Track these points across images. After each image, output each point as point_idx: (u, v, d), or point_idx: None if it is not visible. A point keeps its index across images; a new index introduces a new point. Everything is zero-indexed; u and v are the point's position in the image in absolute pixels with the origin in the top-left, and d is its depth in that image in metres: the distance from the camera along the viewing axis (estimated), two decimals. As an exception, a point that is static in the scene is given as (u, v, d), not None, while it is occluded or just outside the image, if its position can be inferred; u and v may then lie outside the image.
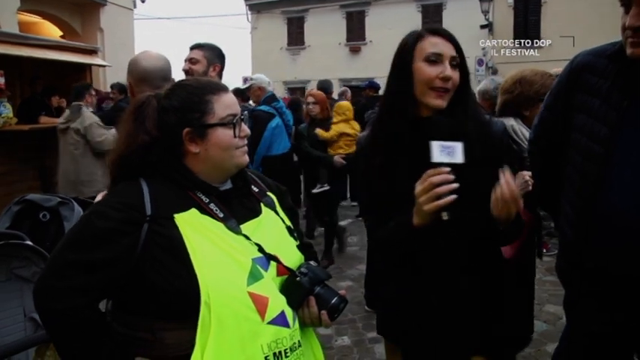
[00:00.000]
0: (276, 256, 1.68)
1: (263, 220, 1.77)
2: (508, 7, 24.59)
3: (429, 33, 1.94)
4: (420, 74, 1.90)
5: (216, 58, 3.85)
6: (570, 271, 2.12)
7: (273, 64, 28.09)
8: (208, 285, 1.48)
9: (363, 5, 27.47)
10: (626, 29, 1.79)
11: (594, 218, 1.94)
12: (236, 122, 1.68)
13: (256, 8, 30.06)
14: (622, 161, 1.87)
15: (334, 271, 6.65)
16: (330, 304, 1.69)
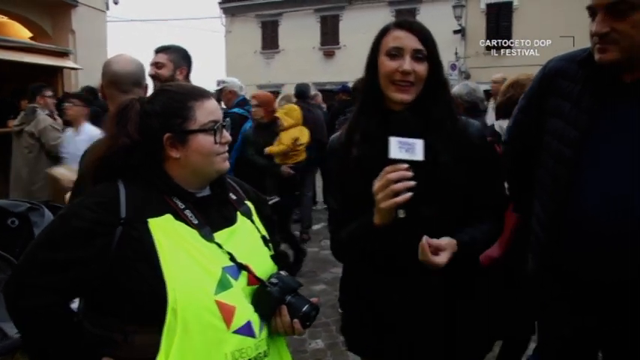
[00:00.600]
0: (248, 265, 1.68)
1: (238, 228, 1.77)
2: (481, 13, 24.98)
3: (395, 26, 1.91)
4: (381, 68, 1.89)
5: (182, 61, 3.79)
6: (542, 274, 2.15)
7: (248, 67, 28.05)
8: (176, 291, 1.49)
9: (337, 10, 27.59)
10: (593, 36, 1.85)
11: (566, 222, 1.97)
12: (217, 129, 1.69)
13: (230, 12, 30.03)
14: (591, 165, 1.91)
15: (308, 274, 6.66)
16: (301, 312, 1.69)
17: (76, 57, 13.42)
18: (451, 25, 23.66)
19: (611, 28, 1.80)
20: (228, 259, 1.64)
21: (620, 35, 1.79)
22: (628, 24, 1.78)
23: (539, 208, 2.12)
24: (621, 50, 1.81)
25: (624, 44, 1.80)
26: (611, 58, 1.83)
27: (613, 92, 1.89)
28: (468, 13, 24.71)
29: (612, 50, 1.82)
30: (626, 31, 1.78)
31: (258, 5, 29.14)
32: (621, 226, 1.83)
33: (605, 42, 1.82)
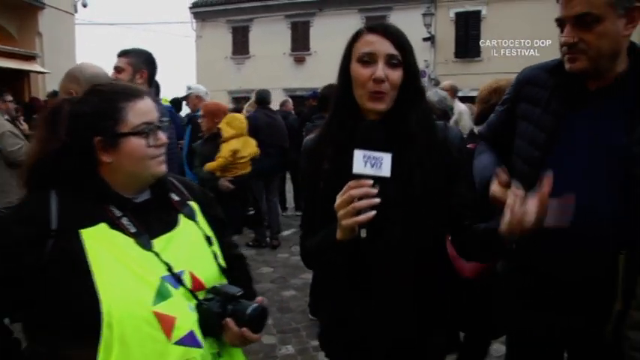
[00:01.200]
0: (191, 271, 1.63)
1: (179, 232, 1.71)
2: (450, 22, 25.28)
3: (367, 31, 1.80)
4: (354, 75, 1.78)
5: (142, 64, 3.74)
6: (512, 274, 2.23)
7: (218, 72, 28.02)
8: (111, 304, 1.43)
9: (307, 16, 27.61)
10: (563, 46, 1.95)
11: None
12: (150, 131, 1.62)
13: (201, 17, 29.83)
14: (555, 166, 1.94)
15: (278, 280, 6.70)
16: (246, 316, 1.62)
17: (43, 61, 13.21)
18: (421, 33, 23.82)
19: (579, 39, 1.89)
20: (166, 268, 1.57)
21: (587, 45, 1.89)
22: (594, 35, 1.87)
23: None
24: (589, 59, 1.91)
25: (591, 54, 1.90)
26: (581, 67, 1.93)
27: (579, 99, 1.98)
28: (437, 22, 24.97)
29: (581, 60, 1.92)
30: (592, 42, 1.88)
31: (229, 10, 29.04)
32: (579, 225, 1.87)
33: (574, 52, 1.92)
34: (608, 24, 1.86)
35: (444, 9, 25.29)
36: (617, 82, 1.97)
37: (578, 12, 1.86)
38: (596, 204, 1.93)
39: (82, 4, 18.17)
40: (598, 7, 1.84)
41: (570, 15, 1.89)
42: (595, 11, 1.84)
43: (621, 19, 1.88)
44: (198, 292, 1.64)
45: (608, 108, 1.97)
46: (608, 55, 1.92)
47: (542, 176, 1.63)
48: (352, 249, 1.69)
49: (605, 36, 1.87)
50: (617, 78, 1.97)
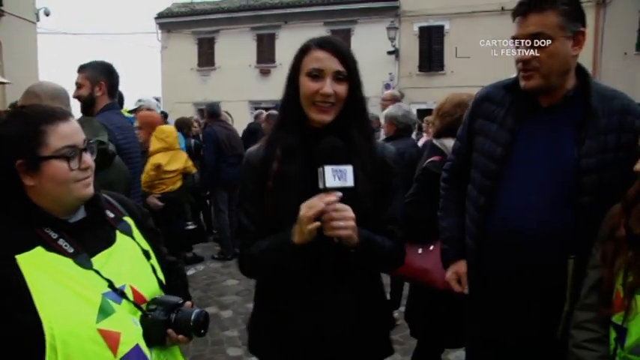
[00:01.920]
0: (131, 285, 1.65)
1: (117, 248, 1.71)
2: (414, 36, 25.63)
3: (316, 46, 1.91)
4: (302, 88, 1.89)
5: (100, 76, 3.70)
6: (474, 279, 2.36)
7: (184, 84, 27.80)
8: (53, 327, 1.43)
9: (273, 28, 27.64)
10: (518, 62, 2.11)
11: (491, 231, 2.20)
12: (73, 155, 1.59)
13: (166, 27, 29.55)
14: (510, 178, 2.15)
15: (243, 293, 6.70)
16: (191, 321, 1.67)
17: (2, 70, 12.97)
18: (385, 46, 24.16)
19: (532, 56, 2.06)
20: (107, 284, 1.58)
21: (540, 63, 2.06)
22: (546, 53, 2.04)
23: (468, 220, 2.34)
24: (542, 77, 2.07)
25: (543, 71, 2.06)
26: (534, 85, 2.10)
27: (532, 115, 2.14)
28: (401, 35, 25.31)
29: (535, 77, 2.09)
30: (544, 60, 2.05)
31: (195, 22, 28.87)
32: (533, 234, 2.07)
33: (528, 69, 2.08)
34: (558, 44, 2.03)
35: (407, 23, 25.62)
36: (567, 99, 2.13)
37: (533, 31, 2.03)
38: (548, 213, 2.07)
39: (45, 12, 17.86)
40: (550, 28, 2.02)
41: (525, 34, 2.06)
42: (547, 32, 2.02)
43: (569, 41, 2.06)
44: (141, 304, 1.67)
45: (558, 123, 2.13)
46: (559, 72, 2.08)
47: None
48: (307, 252, 1.81)
49: (555, 55, 2.04)
50: (566, 95, 2.13)
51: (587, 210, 2.03)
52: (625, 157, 1.95)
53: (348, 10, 26.36)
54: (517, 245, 2.10)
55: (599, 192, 2.04)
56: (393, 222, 2.00)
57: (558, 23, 2.03)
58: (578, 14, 2.09)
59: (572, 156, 2.07)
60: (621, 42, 22.36)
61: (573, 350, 1.90)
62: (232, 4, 29.23)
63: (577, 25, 2.07)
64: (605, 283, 1.81)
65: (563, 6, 2.03)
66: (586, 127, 2.08)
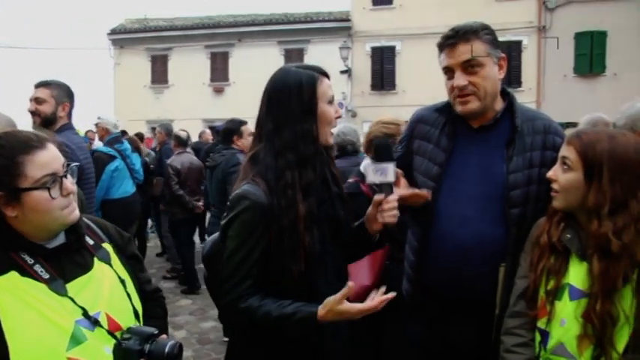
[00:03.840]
0: (107, 312, 1.64)
1: (94, 275, 1.70)
2: (366, 56, 26.08)
3: (324, 76, 2.07)
4: (327, 115, 2.03)
5: (65, 97, 3.72)
6: (413, 292, 2.51)
7: (137, 101, 27.44)
8: (19, 353, 1.43)
9: (227, 46, 27.62)
10: (454, 89, 2.30)
11: (431, 245, 2.37)
12: (53, 183, 1.58)
13: (119, 43, 29.14)
14: (447, 194, 2.33)
15: (197, 312, 6.70)
16: (165, 353, 1.66)
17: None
18: (338, 66, 24.39)
19: (468, 82, 2.26)
20: (81, 312, 1.57)
21: (476, 87, 2.26)
22: (480, 77, 2.26)
23: (410, 235, 2.52)
24: (479, 99, 2.28)
25: (480, 94, 2.27)
26: (473, 108, 2.30)
27: (465, 135, 2.33)
28: (354, 55, 25.72)
29: (473, 101, 2.28)
30: (479, 83, 2.26)
31: (148, 39, 28.57)
32: (469, 244, 2.26)
33: (465, 94, 2.28)
34: (488, 69, 2.26)
35: (360, 43, 26.10)
36: (496, 119, 2.35)
37: (465, 59, 2.25)
38: (483, 225, 2.27)
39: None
40: (479, 54, 2.24)
41: (458, 62, 2.26)
42: (478, 58, 2.24)
43: (496, 66, 2.29)
44: (115, 332, 1.66)
45: (489, 142, 2.35)
46: (492, 95, 2.30)
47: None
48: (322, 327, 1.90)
49: (488, 78, 2.26)
50: (495, 116, 2.35)
51: (517, 221, 2.23)
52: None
53: (302, 30, 26.67)
54: (456, 256, 2.28)
55: (527, 204, 2.24)
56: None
57: (485, 50, 2.25)
58: (497, 42, 2.33)
59: (502, 172, 2.27)
60: (561, 65, 23.54)
61: (504, 355, 2.08)
62: (186, 21, 29.17)
63: (498, 52, 2.30)
64: (531, 289, 2.01)
65: (485, 35, 2.27)
66: (513, 145, 2.29)
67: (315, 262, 1.96)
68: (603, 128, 2.13)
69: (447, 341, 2.40)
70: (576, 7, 23.67)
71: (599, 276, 1.81)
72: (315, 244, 1.95)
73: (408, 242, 2.56)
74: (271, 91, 2.03)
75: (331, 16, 27.26)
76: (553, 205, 2.02)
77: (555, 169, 2.00)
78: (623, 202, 1.83)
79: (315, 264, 1.96)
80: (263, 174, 1.97)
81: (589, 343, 1.83)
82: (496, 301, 2.25)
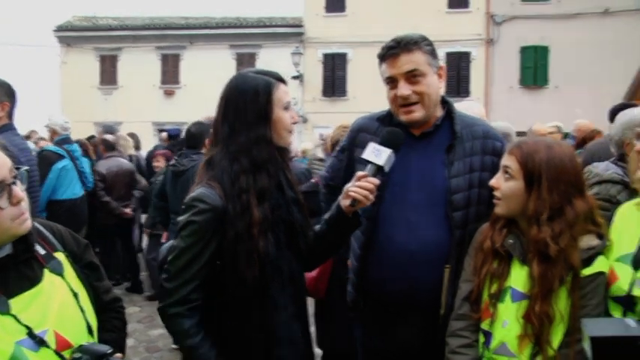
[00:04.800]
0: (55, 330, 1.54)
1: (43, 288, 1.59)
2: (318, 62, 26.23)
3: (280, 81, 2.10)
4: (284, 121, 2.07)
5: (4, 96, 3.61)
6: (359, 299, 2.57)
7: (84, 102, 26.59)
8: None
9: (178, 48, 27.31)
10: (397, 99, 2.37)
11: (376, 250, 2.42)
12: (1, 192, 1.48)
13: (66, 41, 28.33)
14: (391, 201, 2.40)
15: (145, 320, 6.58)
16: None
17: None
18: (290, 71, 24.29)
19: (412, 92, 2.34)
20: (25, 332, 1.47)
21: (419, 96, 2.34)
22: (423, 86, 2.34)
23: (354, 242, 2.56)
24: (424, 107, 2.36)
25: (424, 102, 2.35)
26: (418, 116, 2.38)
27: (405, 143, 2.32)
28: (305, 61, 25.81)
29: (417, 110, 2.36)
30: (423, 92, 2.34)
31: (97, 38, 27.96)
32: (414, 248, 2.32)
33: (409, 104, 2.35)
34: (429, 78, 2.35)
35: (312, 49, 26.24)
36: (436, 126, 2.45)
37: (408, 69, 2.32)
38: (426, 229, 2.35)
39: None
40: (421, 64, 2.33)
41: (402, 72, 2.34)
42: (420, 68, 2.32)
43: (436, 75, 2.39)
44: (64, 351, 1.55)
45: (430, 148, 2.43)
46: (434, 103, 2.40)
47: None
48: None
49: (431, 87, 2.36)
50: (435, 124, 2.44)
51: (460, 224, 2.33)
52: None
53: (254, 35, 26.65)
54: (401, 260, 2.34)
55: (469, 208, 2.34)
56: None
57: (426, 60, 2.34)
58: (436, 53, 2.42)
59: (443, 177, 2.36)
60: (508, 77, 24.32)
61: (449, 356, 2.16)
62: (137, 21, 28.66)
63: (437, 62, 2.40)
64: (475, 292, 2.11)
65: (425, 46, 2.35)
66: (454, 150, 2.38)
67: (270, 267, 1.99)
68: (542, 138, 2.23)
69: (393, 343, 2.47)
70: (521, 22, 24.49)
71: (538, 279, 1.92)
72: (269, 249, 1.98)
73: (351, 250, 2.60)
74: (228, 96, 2.06)
75: (284, 21, 27.31)
76: (495, 211, 2.12)
77: (498, 178, 2.10)
78: (560, 208, 1.95)
79: (269, 269, 1.99)
80: (218, 178, 2.00)
81: (528, 342, 1.95)
82: (441, 302, 2.33)
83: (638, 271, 1.88)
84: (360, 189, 2.02)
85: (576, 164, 2.05)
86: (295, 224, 2.16)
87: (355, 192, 2.02)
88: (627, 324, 1.70)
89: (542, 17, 24.12)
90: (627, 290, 1.89)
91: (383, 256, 2.40)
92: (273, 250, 2.00)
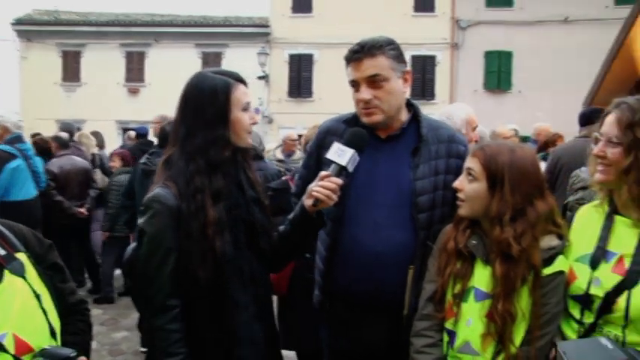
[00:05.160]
0: (15, 333, 1.51)
1: (2, 290, 1.56)
2: (284, 62, 26.24)
3: (240, 82, 2.12)
4: (242, 121, 2.10)
5: None
6: (324, 300, 2.58)
7: (46, 99, 26.02)
8: None
9: (143, 46, 26.98)
10: (359, 102, 2.40)
11: (342, 251, 2.44)
12: None
13: (26, 36, 27.58)
14: (360, 202, 2.42)
15: (108, 322, 6.49)
16: None
17: None
18: (256, 71, 24.35)
19: (373, 96, 2.36)
20: None
21: (380, 100, 2.36)
22: (384, 92, 2.36)
23: (319, 245, 2.58)
24: (383, 112, 2.38)
25: (384, 107, 2.37)
26: (378, 120, 2.40)
27: (373, 145, 2.37)
28: (271, 61, 25.77)
29: (377, 113, 2.38)
30: (384, 97, 2.36)
31: (59, 33, 27.27)
32: (380, 249, 2.35)
33: (370, 107, 2.38)
34: (392, 83, 2.37)
35: (278, 50, 26.24)
36: (402, 130, 2.48)
37: (371, 73, 2.34)
38: (392, 230, 2.38)
39: None
40: (384, 69, 2.34)
41: (364, 77, 2.36)
42: (383, 73, 2.34)
43: (400, 80, 2.41)
44: (25, 355, 1.52)
45: (396, 151, 2.46)
46: (396, 107, 2.42)
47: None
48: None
49: (392, 92, 2.38)
50: (401, 127, 2.48)
51: (425, 225, 2.36)
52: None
53: (220, 34, 26.52)
54: (367, 261, 2.36)
55: (434, 209, 2.38)
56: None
57: (390, 65, 2.36)
58: (402, 57, 2.45)
59: (409, 179, 2.39)
60: (472, 81, 24.74)
61: (414, 356, 2.19)
62: (101, 17, 28.13)
63: (403, 67, 2.42)
64: (439, 292, 2.15)
65: (390, 51, 2.37)
66: (419, 153, 2.42)
67: (229, 266, 2.00)
68: (504, 141, 2.29)
69: (360, 344, 2.49)
70: (486, 27, 24.97)
71: (501, 278, 1.96)
72: (226, 248, 1.98)
73: (317, 252, 2.62)
74: (186, 96, 2.08)
75: (250, 21, 27.24)
76: (459, 213, 2.16)
77: (461, 180, 2.15)
78: (522, 209, 2.00)
79: (228, 268, 2.00)
80: (174, 178, 2.02)
81: (491, 340, 1.99)
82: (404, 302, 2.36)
83: (595, 270, 1.95)
84: (323, 189, 2.05)
85: (537, 166, 2.11)
86: (256, 224, 2.17)
87: (318, 192, 2.05)
88: (604, 346, 1.73)
89: (506, 23, 24.64)
90: (585, 289, 1.95)
91: (348, 258, 2.42)
92: (230, 249, 2.01)
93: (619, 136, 1.93)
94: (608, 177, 2.00)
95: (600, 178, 2.03)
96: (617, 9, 21.30)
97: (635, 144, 1.89)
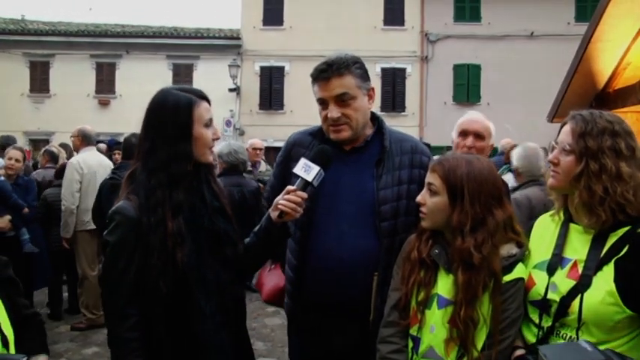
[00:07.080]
0: None
1: None
2: (255, 75, 26.23)
3: (203, 99, 2.17)
4: (205, 138, 2.15)
5: None
6: (294, 307, 2.65)
7: (13, 111, 25.33)
8: None
9: (114, 57, 26.61)
10: (328, 119, 2.48)
11: (310, 260, 2.51)
12: None
13: (-8, 45, 26.83)
14: (326, 212, 2.50)
15: (78, 338, 6.36)
16: None
17: None
18: (227, 83, 24.42)
19: (341, 114, 2.46)
20: None
21: (348, 118, 2.47)
22: (352, 109, 2.47)
23: (289, 254, 2.65)
24: (351, 128, 2.49)
25: (352, 124, 2.48)
26: (346, 136, 2.50)
27: (338, 157, 2.45)
28: (243, 73, 25.74)
29: (346, 130, 2.49)
30: (352, 114, 2.47)
31: (27, 42, 26.62)
32: (345, 257, 2.42)
33: (339, 124, 2.48)
34: (359, 101, 2.48)
35: (249, 62, 26.22)
36: (366, 142, 2.57)
37: (339, 92, 2.44)
38: (357, 238, 2.45)
39: None
40: (351, 88, 2.45)
41: (332, 95, 2.46)
42: (350, 91, 2.45)
43: (366, 97, 2.52)
44: None
45: (360, 163, 2.55)
46: (363, 123, 2.53)
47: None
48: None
49: (359, 109, 2.48)
50: (366, 140, 2.57)
51: (388, 234, 2.45)
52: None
53: (192, 46, 26.33)
54: (334, 269, 2.43)
55: (397, 218, 2.46)
56: None
57: (356, 84, 2.46)
58: (367, 75, 2.55)
59: (372, 189, 2.47)
60: (442, 93, 25.13)
61: None
62: (70, 27, 27.56)
63: (368, 84, 2.53)
64: (403, 300, 2.21)
65: (356, 69, 2.47)
66: (383, 164, 2.51)
67: (191, 275, 2.05)
68: (462, 154, 2.39)
69: (329, 350, 2.54)
70: (454, 41, 25.38)
71: (462, 286, 2.04)
72: (188, 258, 2.03)
73: (287, 261, 2.68)
74: (150, 112, 2.14)
75: (222, 33, 27.13)
76: (422, 225, 2.24)
77: (423, 194, 2.22)
78: (482, 219, 2.09)
79: (191, 277, 2.05)
80: (136, 191, 2.08)
81: (454, 345, 2.06)
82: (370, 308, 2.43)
83: (552, 276, 2.03)
84: (289, 202, 2.14)
85: (495, 176, 2.20)
86: (220, 233, 2.21)
87: (283, 205, 2.15)
88: (584, 349, 1.76)
89: (474, 37, 25.10)
90: (543, 294, 2.04)
91: (317, 266, 2.49)
92: (193, 259, 2.06)
93: (572, 144, 2.03)
94: (559, 183, 2.09)
95: (552, 183, 2.13)
96: (577, 25, 21.91)
97: (586, 152, 1.98)
